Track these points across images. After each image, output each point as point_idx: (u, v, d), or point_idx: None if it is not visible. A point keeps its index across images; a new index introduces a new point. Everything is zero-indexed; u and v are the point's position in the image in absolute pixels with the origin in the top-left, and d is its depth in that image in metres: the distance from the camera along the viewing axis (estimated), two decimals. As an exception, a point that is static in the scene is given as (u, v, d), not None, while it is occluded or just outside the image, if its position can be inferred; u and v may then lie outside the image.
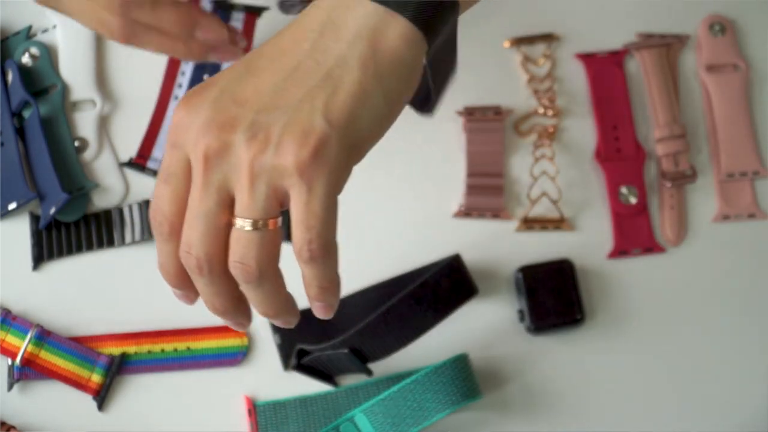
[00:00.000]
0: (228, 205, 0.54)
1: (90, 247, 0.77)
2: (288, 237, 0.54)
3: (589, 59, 0.82)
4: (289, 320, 0.58)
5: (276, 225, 0.54)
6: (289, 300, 0.58)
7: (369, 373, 0.73)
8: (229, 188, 0.54)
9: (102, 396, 0.75)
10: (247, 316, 0.58)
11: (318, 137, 0.53)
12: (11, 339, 0.74)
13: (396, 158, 0.80)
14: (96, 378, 0.75)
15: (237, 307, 0.57)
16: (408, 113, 0.80)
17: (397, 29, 0.55)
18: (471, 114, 0.80)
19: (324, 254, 0.55)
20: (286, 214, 0.55)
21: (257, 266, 0.54)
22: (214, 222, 0.54)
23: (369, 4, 0.55)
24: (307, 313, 0.76)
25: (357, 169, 0.81)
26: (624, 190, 0.80)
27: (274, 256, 0.55)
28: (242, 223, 0.54)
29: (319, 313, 0.58)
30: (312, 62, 0.55)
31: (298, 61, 0.55)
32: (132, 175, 0.79)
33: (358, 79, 0.54)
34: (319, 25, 0.55)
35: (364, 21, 0.55)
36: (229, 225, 0.55)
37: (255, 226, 0.54)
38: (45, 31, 0.81)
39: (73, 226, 0.78)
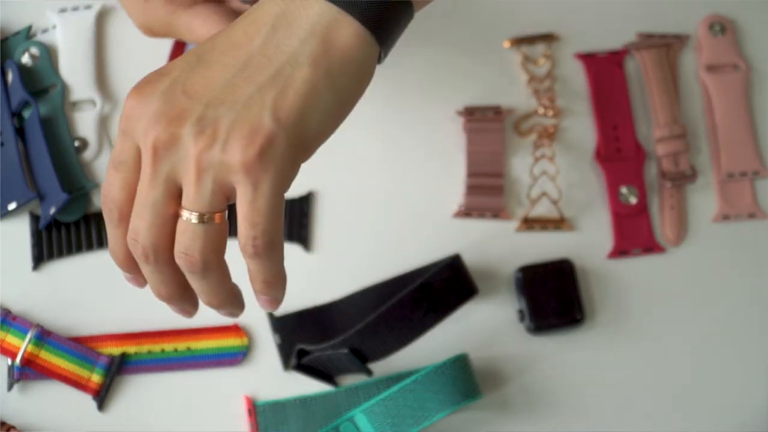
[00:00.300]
0: (175, 196, 0.55)
1: (90, 247, 0.77)
2: (234, 231, 0.55)
3: (589, 59, 0.82)
4: (233, 312, 0.60)
5: (222, 218, 0.55)
6: (233, 291, 0.59)
7: (369, 373, 0.73)
8: (176, 180, 0.55)
9: (102, 396, 0.75)
10: (192, 304, 0.60)
11: (265, 136, 0.54)
12: (11, 339, 0.74)
13: (396, 158, 0.80)
14: (96, 378, 0.75)
15: (182, 294, 0.59)
16: (407, 114, 0.80)
17: (349, 29, 0.55)
18: (471, 114, 0.80)
19: (268, 250, 0.56)
20: (232, 208, 0.56)
21: (201, 258, 0.55)
22: (161, 212, 0.55)
23: (322, 2, 0.55)
24: (307, 314, 0.76)
25: (357, 169, 0.81)
26: (624, 190, 0.80)
27: (218, 248, 0.56)
28: (188, 216, 0.55)
29: (265, 307, 0.59)
30: (263, 58, 0.55)
31: (249, 55, 0.55)
32: (132, 175, 0.79)
33: (308, 78, 0.55)
34: (273, 19, 0.56)
35: (318, 18, 0.55)
36: (176, 215, 0.56)
37: (201, 219, 0.55)
38: (45, 31, 0.81)
39: (73, 226, 0.78)
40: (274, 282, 0.58)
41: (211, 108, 0.54)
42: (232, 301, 0.59)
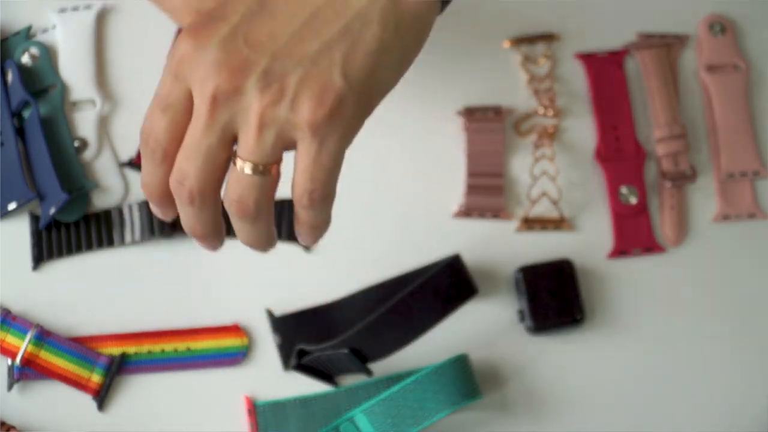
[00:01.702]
0: (229, 143, 0.55)
1: (90, 247, 0.77)
2: None
3: (589, 59, 0.82)
4: (267, 248, 0.59)
5: (277, 170, 0.55)
6: (273, 234, 0.59)
7: (369, 373, 0.73)
8: (233, 128, 0.54)
9: (102, 396, 0.75)
10: (221, 239, 0.60)
11: (335, 95, 0.53)
12: (11, 339, 0.74)
13: (396, 158, 0.80)
14: (96, 378, 0.75)
15: (216, 231, 0.58)
16: (407, 114, 0.80)
17: None
18: (471, 114, 0.80)
19: (323, 202, 0.56)
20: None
21: (255, 206, 0.55)
22: (213, 158, 0.54)
23: None
24: (307, 313, 0.76)
25: (357, 169, 0.81)
26: (624, 190, 0.80)
27: (271, 197, 0.56)
28: (242, 164, 0.54)
29: (304, 240, 0.59)
30: (331, 11, 0.54)
31: (316, 7, 0.54)
32: (132, 175, 0.79)
33: (378, 35, 0.54)
34: None
35: None
36: (227, 161, 0.55)
37: (256, 169, 0.54)
38: (45, 31, 0.81)
39: (73, 226, 0.78)
40: (321, 227, 0.58)
41: (276, 61, 0.53)
42: (271, 242, 0.59)
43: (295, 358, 0.75)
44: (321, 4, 0.54)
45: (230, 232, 0.59)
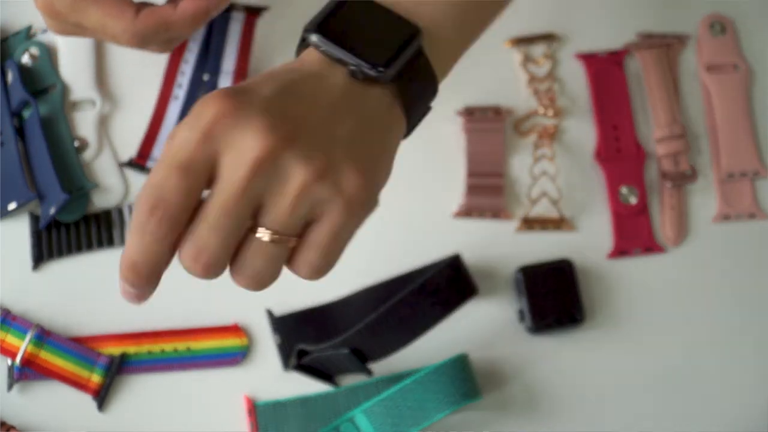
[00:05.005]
0: (255, 212, 0.52)
1: (90, 247, 0.77)
2: None
3: (589, 59, 0.82)
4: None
5: (295, 243, 0.53)
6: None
7: (369, 373, 0.73)
8: (264, 197, 0.52)
9: (102, 396, 0.75)
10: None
11: (371, 176, 0.54)
12: (11, 339, 0.74)
13: (396, 158, 0.80)
14: (96, 378, 0.75)
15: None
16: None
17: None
18: (471, 114, 0.80)
19: (327, 271, 0.55)
20: None
21: (271, 279, 0.54)
22: (239, 230, 0.52)
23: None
24: (307, 313, 0.76)
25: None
26: (624, 190, 0.80)
27: (281, 267, 0.54)
28: (264, 234, 0.52)
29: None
30: (345, 106, 0.55)
31: (334, 98, 0.55)
32: (132, 175, 0.79)
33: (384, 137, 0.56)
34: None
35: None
36: (249, 231, 0.52)
37: (278, 240, 0.52)
38: (45, 31, 0.81)
39: (73, 226, 0.78)
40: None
41: (317, 137, 0.52)
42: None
43: (295, 358, 0.75)
44: (337, 98, 0.54)
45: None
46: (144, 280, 0.53)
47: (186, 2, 0.69)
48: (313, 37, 0.55)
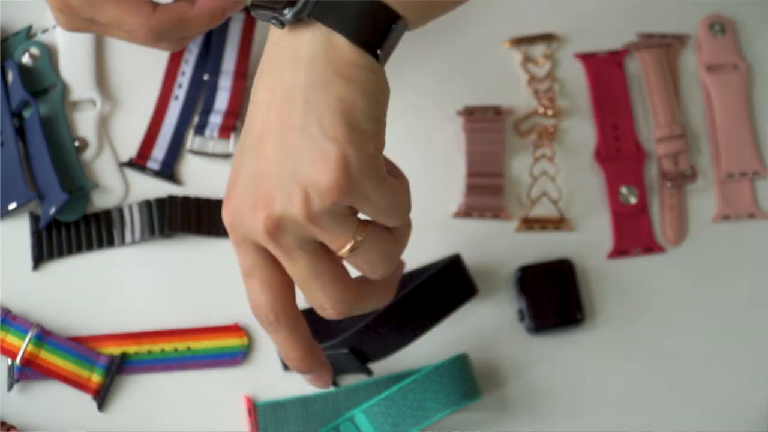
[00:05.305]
0: (323, 248, 0.58)
1: (90, 247, 0.77)
2: None
3: (589, 59, 0.82)
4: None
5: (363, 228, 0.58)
6: None
7: (369, 373, 0.73)
8: (308, 239, 0.57)
9: (102, 396, 0.75)
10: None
11: (335, 156, 0.55)
12: (11, 339, 0.74)
13: (396, 158, 0.80)
14: (96, 378, 0.75)
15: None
16: (407, 114, 0.80)
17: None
18: (471, 114, 0.80)
19: (408, 213, 0.63)
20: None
21: (389, 258, 0.60)
22: (321, 267, 0.58)
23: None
24: (307, 314, 0.76)
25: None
26: (624, 190, 0.80)
27: (388, 240, 0.61)
28: (345, 249, 0.57)
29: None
30: (286, 106, 0.56)
31: (279, 113, 0.57)
32: (132, 175, 0.79)
33: (337, 94, 0.56)
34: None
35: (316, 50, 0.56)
36: (337, 261, 0.58)
37: (354, 245, 0.57)
38: (45, 31, 0.81)
39: (73, 226, 0.78)
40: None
41: (282, 170, 0.56)
42: None
43: (295, 358, 0.75)
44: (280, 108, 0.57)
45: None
46: (301, 365, 0.62)
47: (204, 0, 0.70)
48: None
